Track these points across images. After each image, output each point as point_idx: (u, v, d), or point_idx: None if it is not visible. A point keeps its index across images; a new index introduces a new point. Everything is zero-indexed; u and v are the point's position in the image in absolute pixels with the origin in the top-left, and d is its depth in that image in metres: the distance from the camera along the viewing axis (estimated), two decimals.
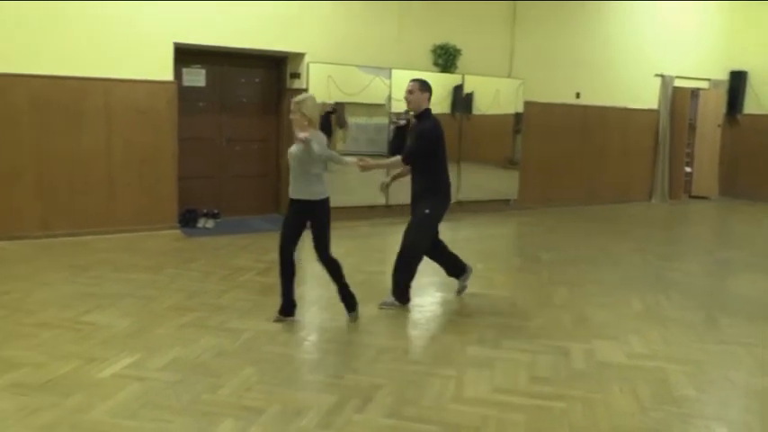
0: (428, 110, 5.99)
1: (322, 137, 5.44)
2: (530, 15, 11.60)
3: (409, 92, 5.91)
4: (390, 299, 6.02)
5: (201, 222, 9.22)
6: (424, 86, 5.92)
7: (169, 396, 4.07)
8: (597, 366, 4.79)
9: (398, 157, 6.02)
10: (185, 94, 9.16)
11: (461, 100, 10.89)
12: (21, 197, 8.01)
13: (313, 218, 5.45)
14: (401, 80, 10.11)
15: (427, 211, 5.96)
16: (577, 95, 12.49)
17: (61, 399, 4.00)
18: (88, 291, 6.17)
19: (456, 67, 10.76)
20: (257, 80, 10.03)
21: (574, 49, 12.29)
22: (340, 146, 9.99)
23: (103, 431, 3.65)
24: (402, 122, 10.26)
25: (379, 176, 7.22)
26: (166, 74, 8.65)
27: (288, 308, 5.50)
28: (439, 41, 10.64)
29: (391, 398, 4.15)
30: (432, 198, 6.00)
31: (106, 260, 7.33)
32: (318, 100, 9.67)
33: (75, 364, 4.52)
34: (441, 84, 10.69)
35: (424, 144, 5.90)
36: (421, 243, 6.04)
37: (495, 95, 11.32)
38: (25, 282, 6.43)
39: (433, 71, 10.57)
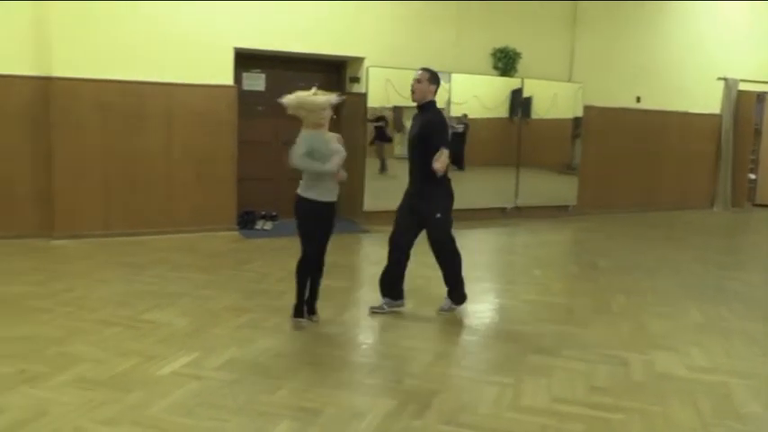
0: (433, 102, 5.71)
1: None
2: (590, 16, 11.45)
3: (417, 80, 5.64)
4: (447, 303, 5.97)
5: (260, 224, 9.31)
6: (433, 78, 5.68)
7: (226, 395, 4.10)
8: (656, 378, 4.68)
9: (444, 150, 5.44)
10: (245, 98, 9.28)
11: (520, 104, 10.80)
12: (83, 197, 8.22)
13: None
14: (461, 84, 10.13)
15: (438, 215, 5.71)
16: (638, 100, 12.29)
17: (123, 394, 4.07)
18: (146, 289, 6.28)
19: (516, 71, 10.67)
20: (317, 84, 10.01)
21: (634, 52, 12.10)
22: (397, 150, 10.00)
23: (162, 428, 3.69)
24: (460, 129, 10.27)
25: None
26: (227, 78, 8.78)
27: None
28: (498, 45, 10.57)
29: (448, 404, 4.12)
30: (441, 200, 5.74)
31: (164, 259, 7.44)
32: (377, 104, 9.86)
33: (135, 360, 4.59)
34: (498, 87, 10.63)
35: (444, 132, 5.64)
36: (449, 241, 5.85)
37: (554, 99, 11.21)
38: (86, 279, 6.58)
39: (492, 75, 10.51)
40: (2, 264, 7.07)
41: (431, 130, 5.55)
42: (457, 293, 5.95)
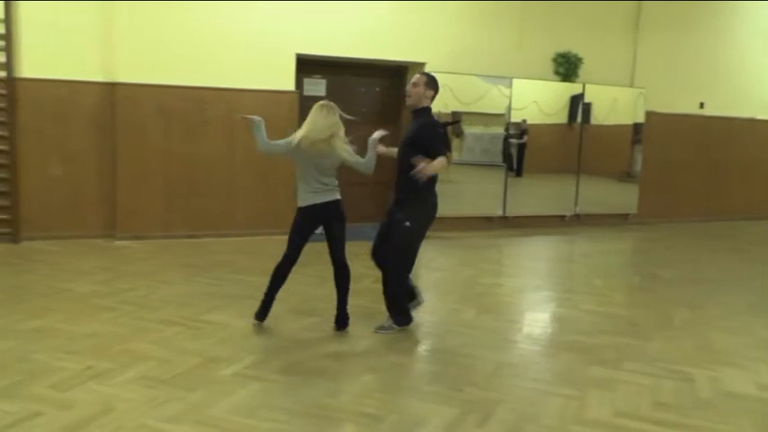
0: (428, 108, 5.41)
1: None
2: (654, 19, 11.20)
3: (414, 84, 5.35)
4: (388, 322, 5.51)
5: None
6: (431, 83, 5.37)
7: (288, 398, 4.11)
8: (724, 396, 4.52)
9: (442, 157, 5.14)
10: (306, 103, 9.26)
11: (579, 110, 10.66)
12: (145, 199, 8.38)
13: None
14: (522, 90, 10.05)
15: (407, 224, 5.27)
16: (701, 105, 11.98)
17: (185, 393, 4.12)
18: (207, 291, 6.36)
19: (577, 76, 10.53)
20: (377, 89, 10.10)
21: (698, 56, 11.80)
22: (455, 155, 9.97)
23: (225, 428, 3.72)
24: (524, 140, 10.21)
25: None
26: (288, 84, 8.85)
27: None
28: (560, 49, 10.45)
29: (512, 414, 4.06)
30: (415, 206, 5.33)
31: (224, 262, 7.52)
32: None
33: (196, 360, 4.65)
34: (558, 93, 10.51)
35: (440, 139, 5.38)
36: (402, 265, 5.47)
37: (614, 105, 11.03)
38: (148, 280, 6.68)
39: (553, 80, 10.40)
40: (68, 263, 7.24)
41: (423, 136, 5.28)
42: (396, 313, 5.49)
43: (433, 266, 7.86)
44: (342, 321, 5.46)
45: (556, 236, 10.27)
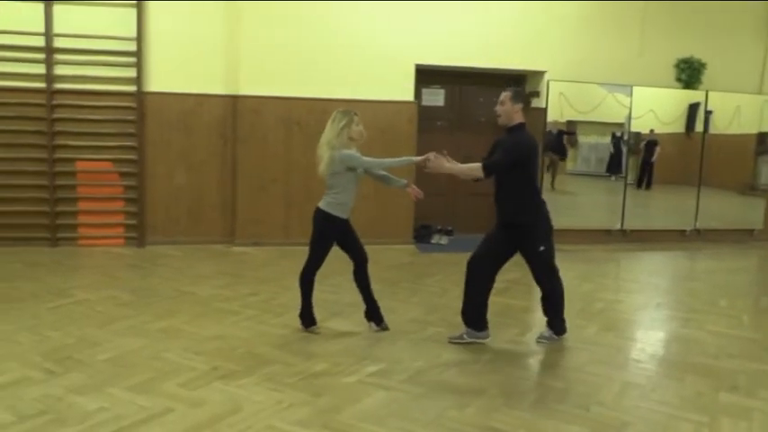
0: (521, 124, 5.28)
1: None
2: None
3: (501, 102, 5.24)
4: (548, 332, 5.56)
5: (435, 238, 9.33)
6: (516, 96, 5.27)
7: (414, 408, 4.08)
8: None
9: (478, 164, 5.22)
10: (424, 113, 9.34)
11: (698, 118, 10.25)
12: (266, 207, 8.57)
13: None
14: (642, 98, 9.75)
15: (542, 248, 5.33)
16: None
17: (312, 398, 4.15)
18: (328, 298, 6.37)
19: (700, 83, 10.12)
20: (495, 99, 9.97)
21: None
22: (570, 165, 9.79)
23: None
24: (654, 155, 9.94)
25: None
26: (407, 94, 8.90)
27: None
28: (683, 55, 10.08)
29: None
30: (536, 230, 5.33)
31: (343, 270, 7.48)
32: (552, 118, 9.70)
33: (321, 366, 4.68)
34: (676, 100, 10.12)
35: (514, 155, 5.15)
36: (556, 281, 5.57)
37: (736, 113, 10.53)
38: (269, 285, 6.80)
39: (675, 87, 10.04)
40: (190, 267, 7.47)
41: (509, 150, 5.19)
42: (558, 322, 5.59)
43: None
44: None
45: (676, 251, 9.88)
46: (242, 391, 4.20)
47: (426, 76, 9.19)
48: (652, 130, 10.14)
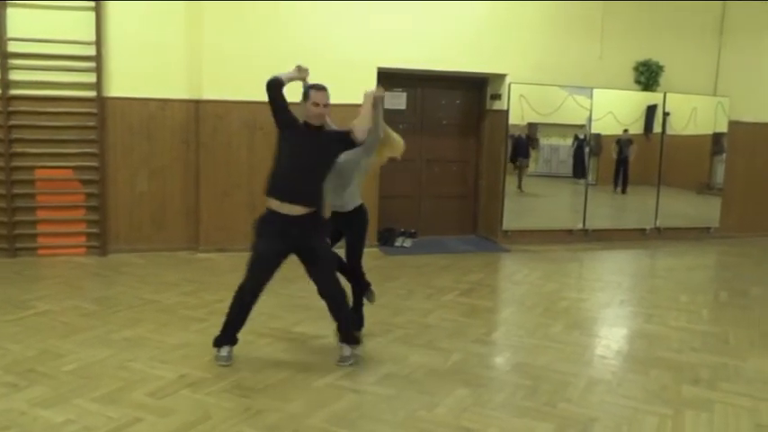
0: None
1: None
2: (739, 24, 10.76)
3: (324, 105, 5.13)
4: (348, 351, 4.96)
5: (399, 241, 9.32)
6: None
7: (385, 410, 4.10)
8: None
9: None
10: (386, 116, 9.23)
11: (655, 120, 10.40)
12: (230, 213, 8.49)
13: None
14: (602, 100, 9.89)
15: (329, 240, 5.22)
16: None
17: (281, 403, 4.14)
18: (296, 303, 6.37)
19: (658, 85, 10.29)
20: (457, 102, 10.07)
21: None
22: (531, 167, 9.89)
23: None
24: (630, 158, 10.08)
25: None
26: None
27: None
28: (642, 58, 10.25)
29: None
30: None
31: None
32: (514, 121, 9.79)
33: (290, 371, 4.67)
34: (635, 103, 10.28)
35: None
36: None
37: (693, 114, 10.72)
38: (234, 291, 6.72)
39: (634, 89, 10.20)
40: (154, 275, 7.36)
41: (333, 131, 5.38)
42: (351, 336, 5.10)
43: (516, 280, 7.76)
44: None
45: (637, 249, 10.02)
46: (211, 399, 4.17)
47: (388, 79, 9.19)
48: (626, 130, 10.28)
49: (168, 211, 8.49)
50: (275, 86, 4.94)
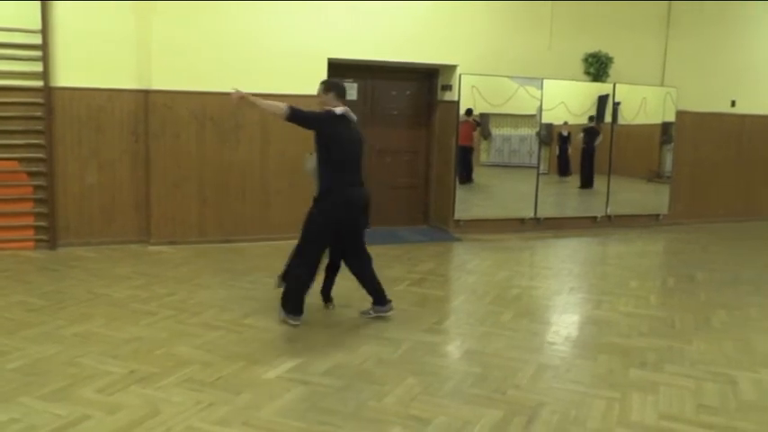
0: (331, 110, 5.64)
1: None
2: (684, 17, 11.04)
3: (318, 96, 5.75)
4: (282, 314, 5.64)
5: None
6: (326, 87, 5.73)
7: (335, 401, 4.12)
8: None
9: (284, 104, 5.59)
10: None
11: (607, 110, 10.60)
12: (180, 205, 8.43)
13: None
14: (553, 90, 10.02)
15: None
16: (732, 104, 11.78)
17: (232, 396, 4.14)
18: (246, 294, 6.37)
19: (608, 76, 10.46)
20: (408, 92, 10.10)
21: (730, 54, 11.61)
22: (483, 157, 9.97)
23: (275, 430, 3.74)
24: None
25: None
26: None
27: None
28: (591, 49, 10.40)
29: (556, 417, 4.05)
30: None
31: (260, 266, 7.53)
32: (463, 110, 9.88)
33: (240, 364, 4.67)
34: (586, 93, 10.45)
35: (318, 117, 5.63)
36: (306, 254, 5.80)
37: (642, 104, 10.92)
38: (187, 284, 6.71)
39: (584, 80, 10.35)
40: (105, 268, 7.28)
41: None
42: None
43: (468, 269, 7.85)
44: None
45: (588, 237, 10.20)
46: (160, 394, 4.15)
47: (339, 70, 9.18)
48: (591, 117, 10.46)
49: (118, 204, 8.38)
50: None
